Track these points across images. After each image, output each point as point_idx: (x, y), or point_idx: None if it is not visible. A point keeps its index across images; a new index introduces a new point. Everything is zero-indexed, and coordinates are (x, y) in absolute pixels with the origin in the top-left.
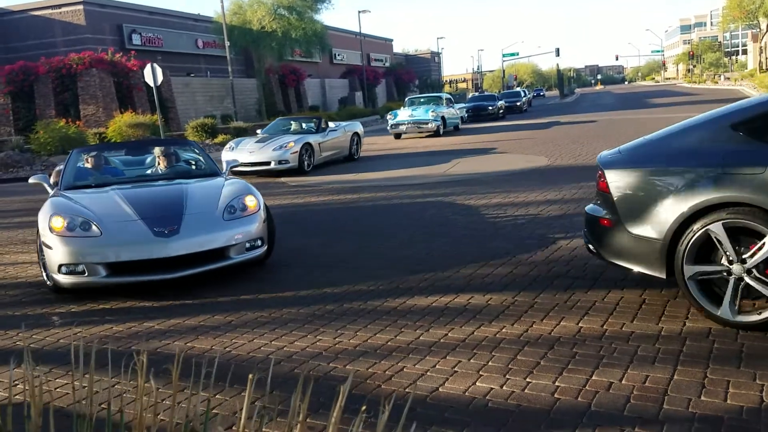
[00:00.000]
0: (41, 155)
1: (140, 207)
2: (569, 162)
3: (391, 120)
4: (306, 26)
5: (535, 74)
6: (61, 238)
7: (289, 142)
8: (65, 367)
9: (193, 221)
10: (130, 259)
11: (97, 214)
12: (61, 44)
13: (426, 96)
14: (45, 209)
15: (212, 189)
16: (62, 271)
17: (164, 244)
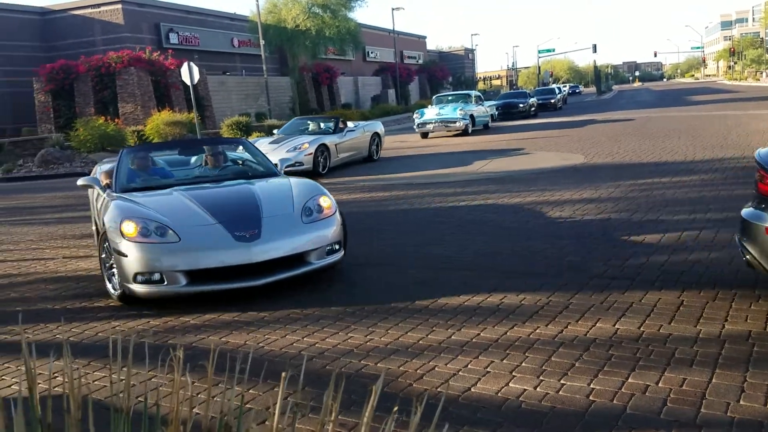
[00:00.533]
0: (81, 152)
1: (214, 209)
2: (606, 160)
3: (417, 119)
4: (340, 24)
5: (571, 71)
6: (137, 244)
7: (304, 143)
8: (103, 360)
9: (273, 224)
10: (212, 266)
11: (171, 218)
12: (100, 43)
13: (454, 94)
14: (111, 214)
15: (282, 189)
16: (138, 281)
17: (246, 249)
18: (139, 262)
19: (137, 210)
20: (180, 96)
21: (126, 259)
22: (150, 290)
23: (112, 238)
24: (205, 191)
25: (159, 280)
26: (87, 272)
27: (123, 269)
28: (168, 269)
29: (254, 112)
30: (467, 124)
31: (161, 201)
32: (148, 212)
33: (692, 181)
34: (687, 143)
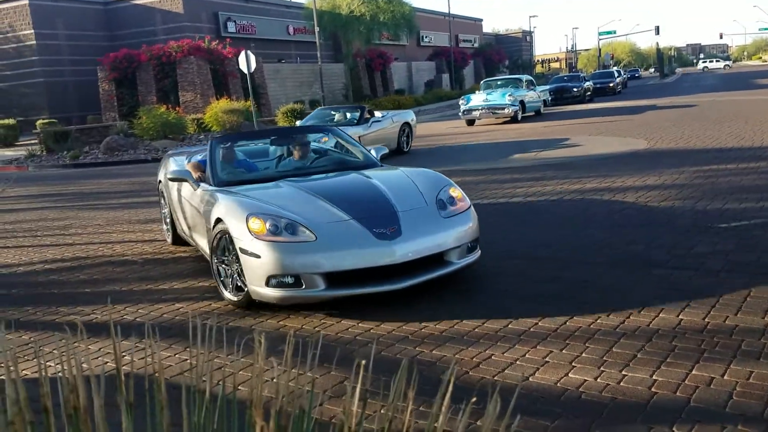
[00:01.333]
0: (144, 140)
1: (341, 204)
2: (670, 145)
3: (463, 105)
4: (394, 9)
5: (633, 53)
6: (270, 243)
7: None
8: (168, 341)
9: (411, 220)
10: (355, 267)
11: (299, 214)
12: (160, 32)
13: (503, 78)
14: (230, 210)
15: (401, 180)
16: (271, 284)
17: (389, 248)
18: (275, 264)
19: (260, 205)
20: (237, 84)
21: (258, 260)
22: (284, 294)
23: (238, 237)
24: (320, 183)
25: (294, 283)
26: (152, 256)
27: (253, 272)
28: (308, 271)
29: (308, 99)
30: (516, 110)
31: (278, 195)
32: (272, 208)
33: (759, 168)
34: (754, 128)
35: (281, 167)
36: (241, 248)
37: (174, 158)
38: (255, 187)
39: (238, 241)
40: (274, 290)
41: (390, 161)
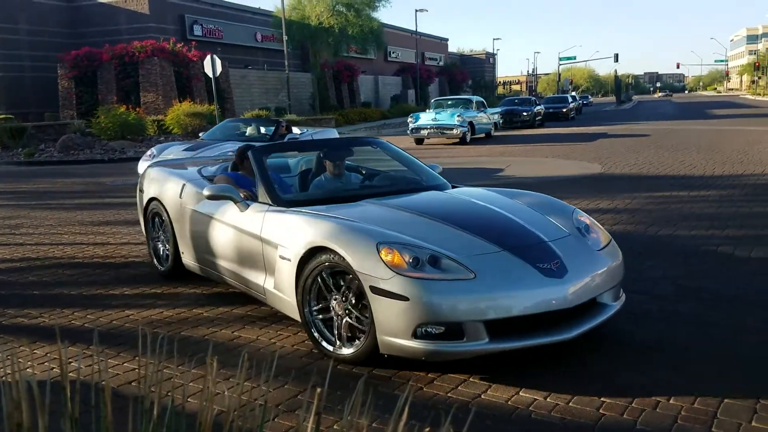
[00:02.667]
0: (101, 139)
1: (479, 231)
2: (624, 170)
3: (411, 123)
4: (363, 23)
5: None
6: (420, 281)
7: (230, 153)
8: (116, 349)
9: (567, 252)
10: (524, 313)
11: (437, 243)
12: (125, 32)
13: (453, 98)
14: (349, 234)
15: (514, 203)
16: (418, 335)
17: (560, 287)
18: (430, 308)
19: (382, 231)
20: (201, 87)
21: (404, 304)
22: (437, 349)
23: (366, 273)
24: (424, 204)
25: (448, 334)
26: (103, 260)
27: (394, 319)
28: (472, 318)
29: (274, 106)
30: (465, 131)
31: (381, 217)
32: (398, 234)
33: (710, 196)
34: (706, 158)
35: (347, 185)
36: (375, 288)
37: (168, 170)
38: (335, 208)
39: (368, 278)
40: (423, 343)
41: None
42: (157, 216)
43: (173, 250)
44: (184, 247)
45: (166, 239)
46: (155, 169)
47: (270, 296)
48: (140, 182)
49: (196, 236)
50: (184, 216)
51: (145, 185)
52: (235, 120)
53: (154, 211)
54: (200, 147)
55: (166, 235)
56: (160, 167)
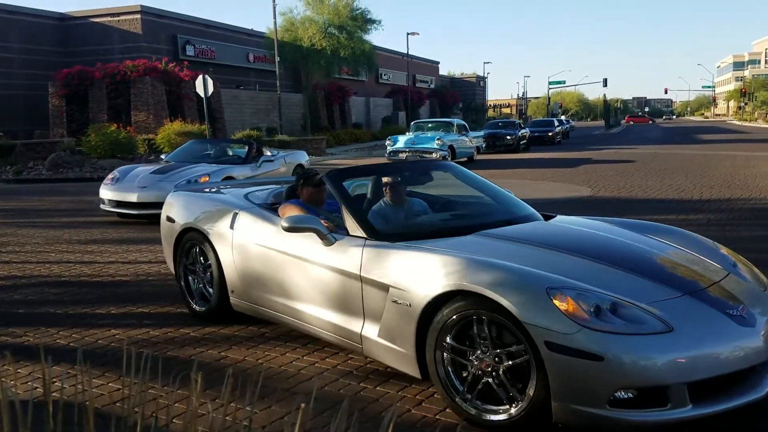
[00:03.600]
0: (91, 158)
1: (642, 272)
2: (613, 194)
3: (390, 146)
4: (355, 46)
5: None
6: (613, 337)
7: (203, 176)
8: (101, 368)
9: (743, 294)
10: (728, 370)
11: (608, 287)
12: (117, 51)
13: (434, 120)
14: (502, 276)
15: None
16: (613, 402)
17: (755, 337)
18: (629, 370)
19: (548, 275)
20: (193, 107)
21: (597, 364)
22: (640, 419)
23: (538, 325)
24: (549, 235)
25: (644, 400)
26: (90, 278)
27: (583, 384)
28: (676, 380)
29: (265, 126)
30: (445, 155)
31: (514, 253)
32: (564, 279)
33: (698, 220)
34: (694, 182)
35: (448, 215)
36: (553, 344)
37: (206, 196)
38: (449, 242)
39: (541, 332)
40: (620, 412)
41: None
42: (194, 249)
43: (219, 288)
44: (235, 285)
45: (206, 275)
46: (186, 195)
47: (370, 346)
48: (167, 210)
49: (255, 273)
50: (239, 250)
51: (175, 213)
52: (200, 141)
53: (190, 244)
54: (171, 170)
55: (207, 271)
56: (190, 193)
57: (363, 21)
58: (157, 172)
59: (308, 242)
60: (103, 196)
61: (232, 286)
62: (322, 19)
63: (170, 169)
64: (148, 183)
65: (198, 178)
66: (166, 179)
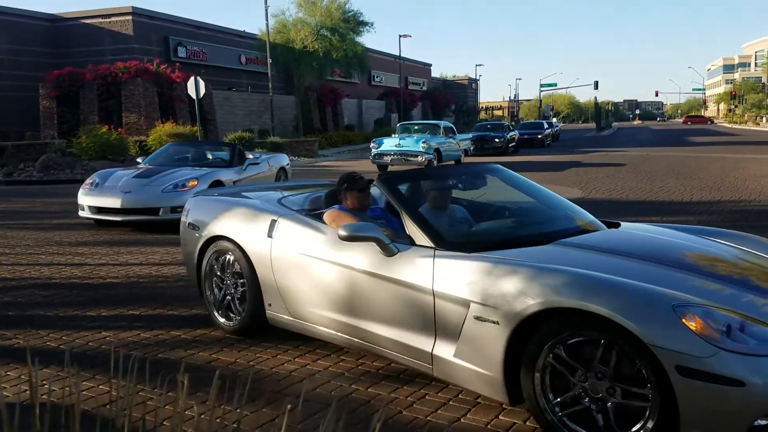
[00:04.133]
0: (82, 159)
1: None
2: (604, 196)
3: (374, 148)
4: (347, 48)
5: (572, 106)
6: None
7: (190, 180)
8: (91, 371)
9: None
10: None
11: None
12: (108, 52)
13: (420, 123)
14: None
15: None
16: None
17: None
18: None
19: (667, 291)
20: (184, 108)
21: (737, 391)
22: None
23: (668, 347)
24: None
25: None
26: (80, 280)
27: (719, 410)
28: None
29: (257, 128)
30: (431, 159)
31: (610, 265)
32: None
33: (689, 222)
34: (684, 184)
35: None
36: (686, 368)
37: (236, 201)
38: (532, 252)
39: (671, 355)
40: None
41: None
42: (223, 259)
43: (253, 301)
44: (273, 297)
45: (236, 288)
46: (211, 200)
47: (444, 366)
48: (188, 216)
49: (299, 286)
50: (279, 260)
51: (199, 220)
52: (179, 144)
53: (218, 253)
54: (154, 174)
55: (237, 283)
56: (216, 198)
57: (355, 23)
58: (140, 176)
59: (365, 252)
60: (83, 202)
61: (270, 299)
62: (315, 21)
63: (154, 173)
64: (132, 187)
65: (185, 182)
66: (151, 183)
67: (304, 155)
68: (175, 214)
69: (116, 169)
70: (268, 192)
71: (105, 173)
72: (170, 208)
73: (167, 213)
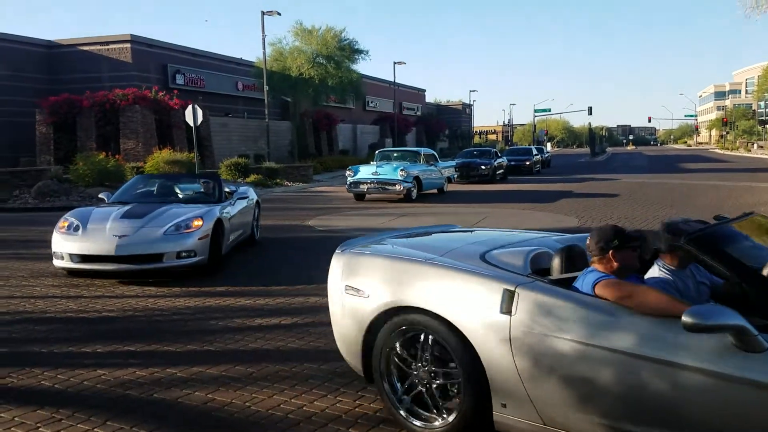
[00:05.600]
0: (79, 186)
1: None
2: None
3: (350, 177)
4: (342, 75)
5: (566, 130)
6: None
7: (193, 219)
8: (87, 412)
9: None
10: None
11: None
12: (106, 79)
13: (401, 150)
14: None
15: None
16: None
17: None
18: None
19: None
20: (182, 135)
21: None
22: None
23: None
24: None
25: None
26: (76, 314)
27: None
28: None
29: (253, 153)
30: (409, 188)
31: None
32: None
33: None
34: (680, 212)
35: None
36: None
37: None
38: None
39: None
40: None
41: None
42: (414, 336)
43: (472, 398)
44: (511, 396)
45: (436, 378)
46: (387, 256)
47: None
48: (346, 276)
49: (568, 384)
50: (528, 347)
51: (367, 282)
52: (147, 176)
53: (406, 330)
54: (145, 213)
55: (437, 372)
56: (388, 253)
57: (351, 51)
58: (130, 216)
59: (693, 341)
60: (61, 249)
61: (506, 397)
62: (311, 50)
63: (143, 212)
64: (126, 230)
65: (188, 222)
66: (148, 224)
67: (299, 180)
68: (181, 260)
69: (91, 208)
70: (445, 243)
71: (81, 213)
72: (176, 253)
73: (172, 259)
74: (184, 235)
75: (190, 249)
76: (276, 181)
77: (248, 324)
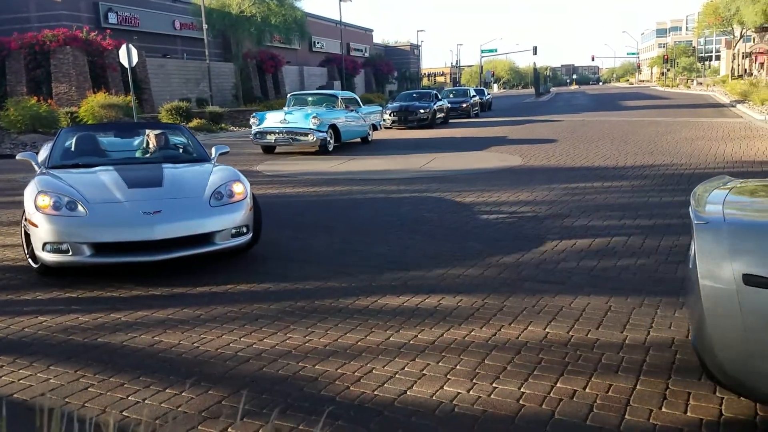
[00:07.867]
0: (11, 133)
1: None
2: (542, 163)
3: (255, 125)
4: (286, 13)
5: (512, 71)
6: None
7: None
8: (29, 358)
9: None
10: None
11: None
12: (35, 20)
13: (316, 93)
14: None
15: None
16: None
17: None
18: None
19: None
20: (117, 78)
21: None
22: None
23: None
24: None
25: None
26: (14, 262)
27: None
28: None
29: (195, 97)
30: (324, 138)
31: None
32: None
33: (622, 187)
34: (619, 149)
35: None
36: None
37: None
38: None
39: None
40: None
41: None
42: None
43: None
44: None
45: None
46: None
47: None
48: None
49: None
50: None
51: None
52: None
53: None
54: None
55: None
56: None
57: None
58: (139, 184)
59: None
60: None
61: None
62: None
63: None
64: (155, 204)
65: (229, 187)
66: (179, 194)
67: (244, 125)
68: (234, 240)
69: (58, 175)
70: None
71: (56, 184)
72: (230, 231)
73: (227, 240)
74: (232, 206)
75: (241, 224)
76: (221, 126)
77: (196, 268)
